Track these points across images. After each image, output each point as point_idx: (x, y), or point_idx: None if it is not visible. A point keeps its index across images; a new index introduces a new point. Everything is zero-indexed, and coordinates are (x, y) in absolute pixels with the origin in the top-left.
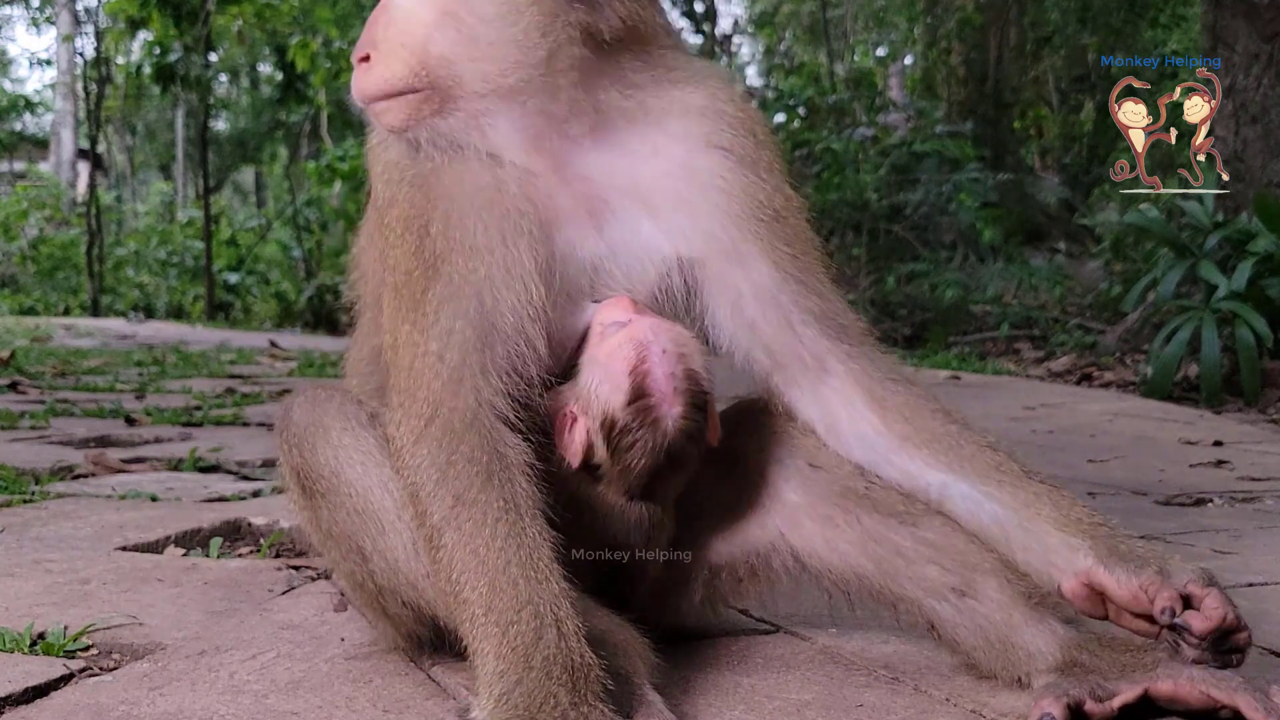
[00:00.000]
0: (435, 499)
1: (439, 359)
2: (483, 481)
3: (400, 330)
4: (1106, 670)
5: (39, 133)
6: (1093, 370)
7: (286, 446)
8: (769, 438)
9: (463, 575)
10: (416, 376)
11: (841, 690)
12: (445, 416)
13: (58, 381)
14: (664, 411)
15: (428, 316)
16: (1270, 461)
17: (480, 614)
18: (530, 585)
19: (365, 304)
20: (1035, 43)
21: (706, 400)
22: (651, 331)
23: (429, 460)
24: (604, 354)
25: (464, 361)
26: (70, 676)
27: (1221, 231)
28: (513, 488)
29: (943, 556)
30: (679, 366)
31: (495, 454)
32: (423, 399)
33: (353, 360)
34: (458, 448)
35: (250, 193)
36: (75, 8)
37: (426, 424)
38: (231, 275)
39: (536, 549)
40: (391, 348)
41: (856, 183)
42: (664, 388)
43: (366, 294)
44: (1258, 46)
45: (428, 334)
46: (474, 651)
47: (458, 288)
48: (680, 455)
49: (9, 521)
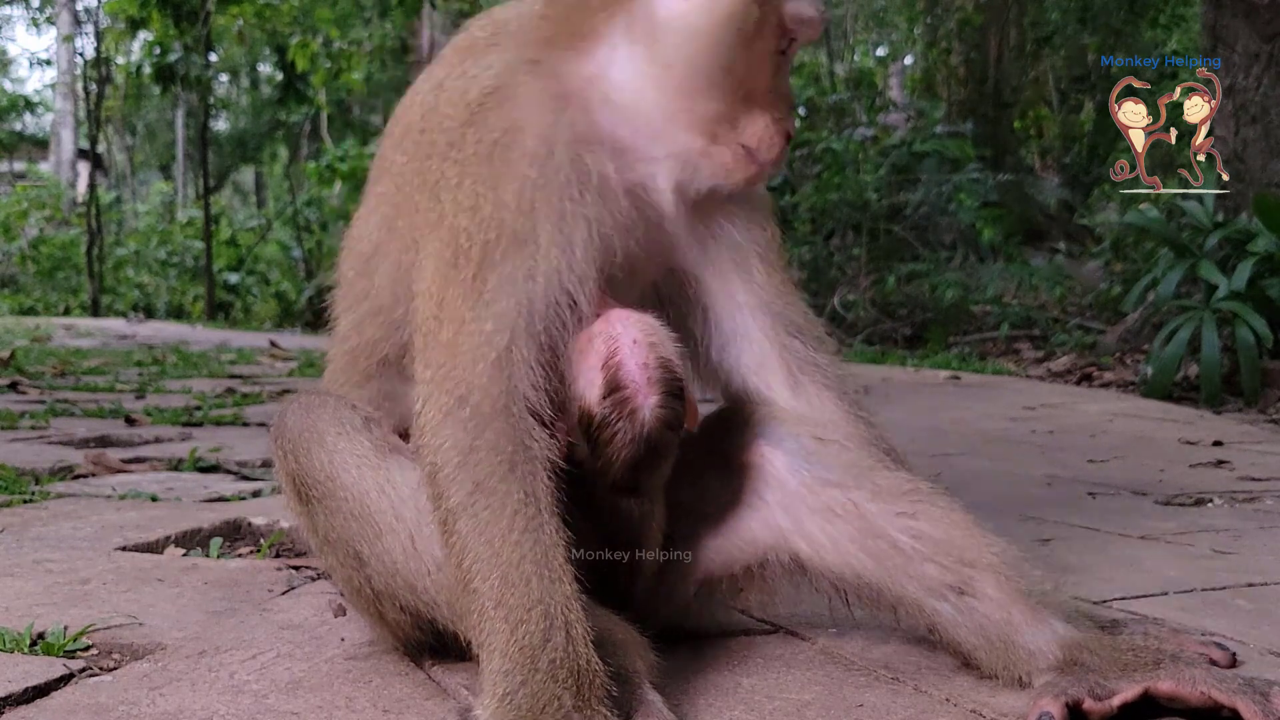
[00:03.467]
0: (455, 482)
1: (487, 341)
2: (505, 471)
3: (448, 297)
4: (1107, 669)
5: (39, 133)
6: (1093, 370)
7: (281, 453)
8: (766, 425)
9: (474, 564)
10: (456, 353)
11: (841, 690)
12: (478, 400)
13: (58, 381)
14: (640, 402)
15: (485, 294)
16: (1270, 461)
17: (490, 607)
18: (543, 584)
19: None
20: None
21: (681, 387)
22: (621, 324)
23: (452, 442)
24: (577, 349)
25: (511, 348)
26: (70, 676)
27: (1221, 231)
28: (534, 481)
29: (940, 553)
30: (651, 355)
31: (521, 445)
32: (458, 378)
33: (338, 348)
34: (483, 433)
35: (250, 193)
36: (75, 8)
37: (458, 404)
38: (231, 275)
39: (552, 547)
40: (434, 317)
41: (856, 183)
42: (638, 378)
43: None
44: (1258, 46)
45: (482, 312)
46: (479, 645)
47: (529, 273)
48: (660, 444)
49: (9, 521)
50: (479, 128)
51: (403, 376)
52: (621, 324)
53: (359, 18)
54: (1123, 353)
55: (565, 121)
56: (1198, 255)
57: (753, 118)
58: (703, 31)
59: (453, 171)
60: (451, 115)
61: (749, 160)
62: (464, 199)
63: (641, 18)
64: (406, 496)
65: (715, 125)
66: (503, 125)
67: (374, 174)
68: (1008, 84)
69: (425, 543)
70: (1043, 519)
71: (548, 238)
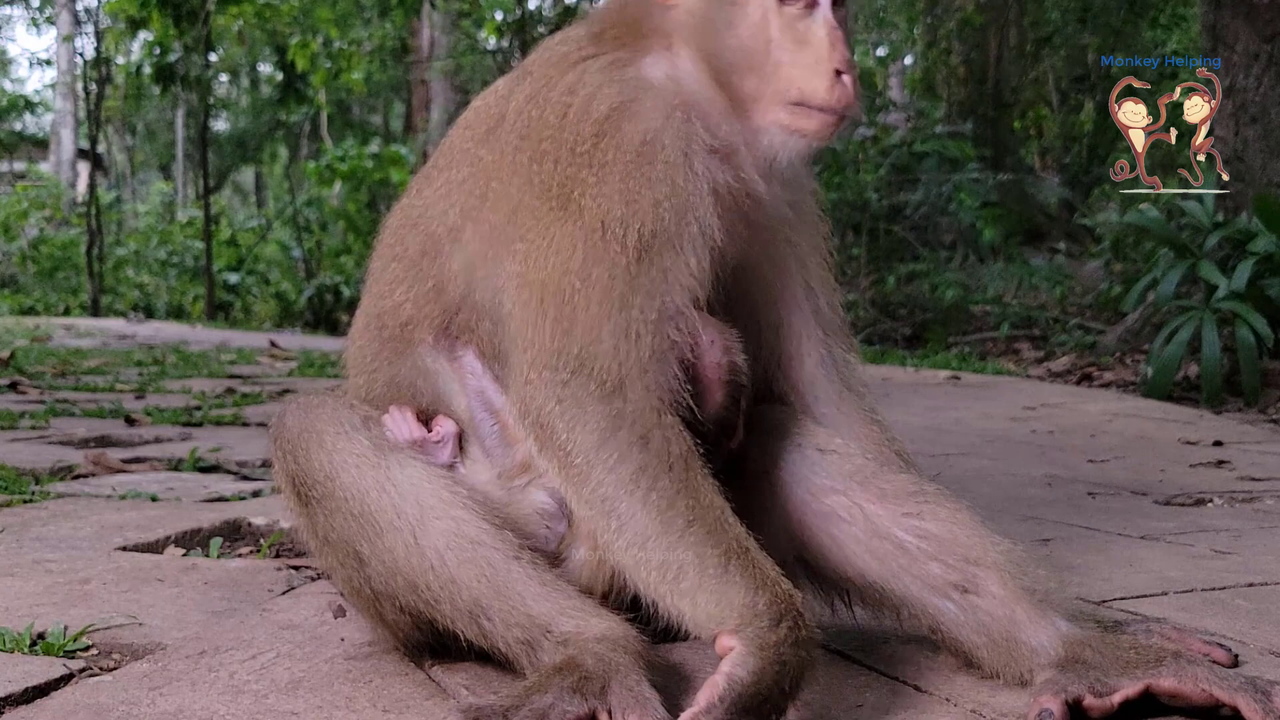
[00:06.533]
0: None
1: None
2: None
3: (595, 275)
4: (1108, 666)
5: (39, 133)
6: (1093, 370)
7: (281, 454)
8: (777, 429)
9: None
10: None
11: (841, 690)
12: (630, 390)
13: (58, 381)
14: (706, 398)
15: (641, 280)
16: (1270, 461)
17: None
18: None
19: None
20: (1035, 43)
21: (743, 393)
22: (700, 320)
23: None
24: None
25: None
26: (70, 676)
27: (1221, 231)
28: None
29: (945, 552)
30: (724, 358)
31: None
32: (605, 365)
33: (373, 319)
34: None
35: (250, 193)
36: (75, 8)
37: (614, 391)
38: (231, 275)
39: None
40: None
41: (856, 183)
42: (710, 375)
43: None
44: (1258, 46)
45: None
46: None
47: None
48: (711, 446)
49: (9, 521)
50: (614, 137)
51: (438, 353)
52: (700, 321)
53: (359, 18)
54: (1123, 353)
55: (695, 133)
56: (1198, 255)
57: (795, 72)
58: (713, 13)
59: (590, 175)
60: (573, 128)
61: (805, 114)
62: (611, 193)
63: (673, 20)
64: (407, 494)
65: (763, 99)
66: (640, 134)
67: (443, 161)
68: (1008, 84)
69: (427, 539)
70: (1043, 519)
71: (691, 241)
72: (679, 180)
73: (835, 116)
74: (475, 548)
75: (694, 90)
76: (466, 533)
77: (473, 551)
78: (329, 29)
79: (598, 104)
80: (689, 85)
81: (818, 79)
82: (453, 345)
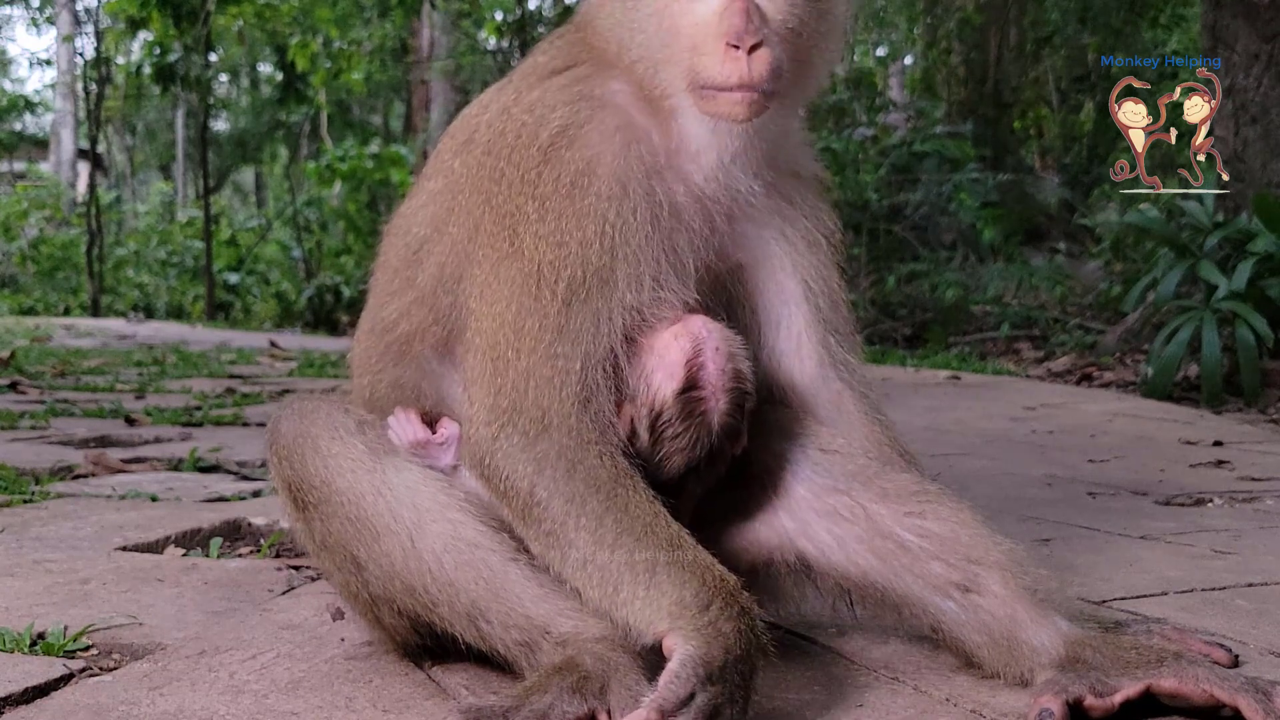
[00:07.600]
0: (549, 504)
1: (569, 372)
2: (600, 480)
3: (527, 327)
4: (1109, 666)
5: (39, 133)
6: (1093, 370)
7: (276, 459)
8: (779, 429)
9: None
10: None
11: (841, 690)
12: (558, 428)
13: (58, 381)
14: (711, 405)
15: (569, 329)
16: (1270, 461)
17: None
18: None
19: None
20: (1035, 43)
21: (747, 400)
22: (705, 328)
23: (536, 468)
24: (660, 344)
25: (588, 378)
26: (70, 676)
27: (1221, 231)
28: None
29: (947, 551)
30: (729, 365)
31: (603, 458)
32: (538, 406)
33: (376, 327)
34: (576, 461)
35: (250, 193)
36: (75, 8)
37: (541, 432)
38: (231, 275)
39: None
40: (509, 345)
41: (856, 183)
42: (715, 382)
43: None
44: (1258, 46)
45: (565, 346)
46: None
47: (609, 311)
48: (717, 451)
49: (9, 521)
50: (555, 166)
51: (440, 358)
52: (705, 329)
53: (359, 18)
54: (1123, 353)
55: (634, 156)
56: (1198, 255)
57: (693, 55)
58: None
59: (532, 208)
60: (524, 151)
61: (711, 96)
62: (546, 234)
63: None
64: (403, 497)
65: (680, 90)
66: (577, 164)
67: (429, 169)
68: (1008, 84)
69: (425, 542)
70: (1043, 519)
71: (625, 277)
72: (610, 215)
73: (744, 93)
74: (473, 550)
75: (636, 103)
76: (464, 535)
77: (470, 554)
78: (329, 29)
79: (545, 128)
80: (633, 99)
81: (709, 56)
82: (451, 348)
